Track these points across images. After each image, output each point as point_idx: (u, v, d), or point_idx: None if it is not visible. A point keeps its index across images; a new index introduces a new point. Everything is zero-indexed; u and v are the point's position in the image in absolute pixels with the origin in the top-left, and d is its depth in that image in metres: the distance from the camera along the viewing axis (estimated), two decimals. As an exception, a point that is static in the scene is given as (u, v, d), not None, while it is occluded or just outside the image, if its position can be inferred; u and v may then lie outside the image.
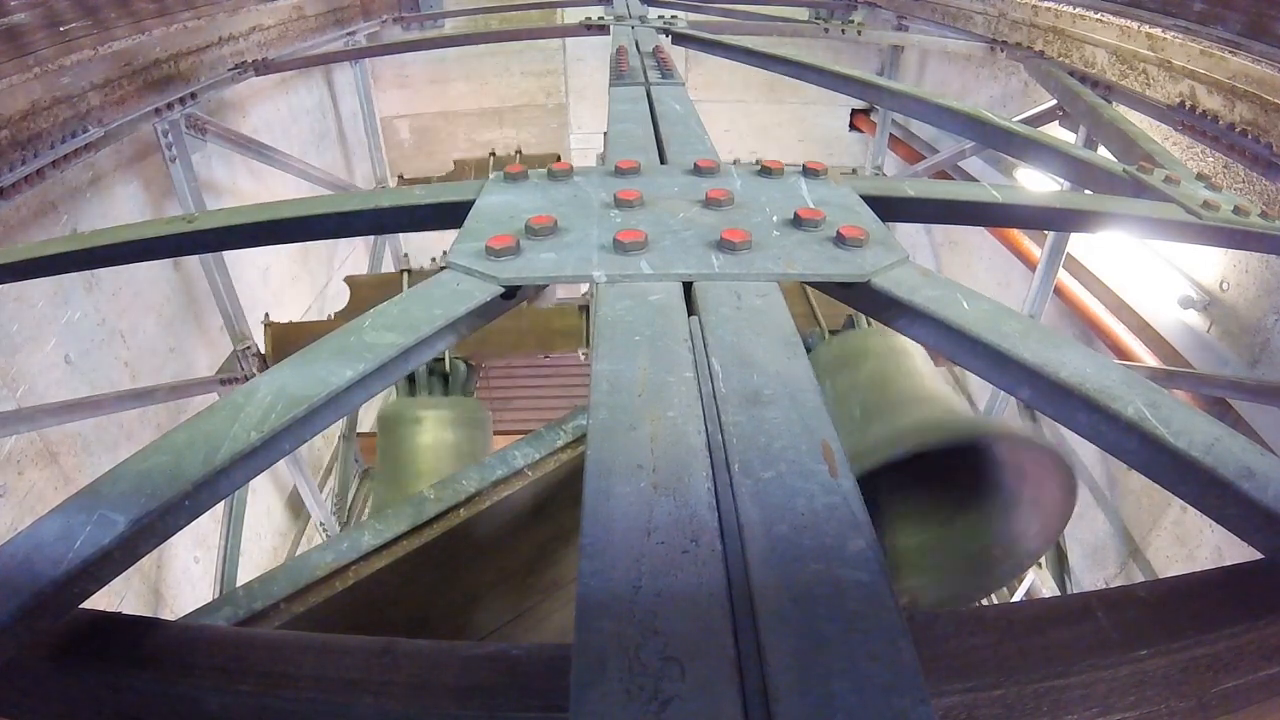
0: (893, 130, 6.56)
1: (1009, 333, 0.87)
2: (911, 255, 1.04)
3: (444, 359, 4.19)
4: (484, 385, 7.88)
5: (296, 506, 5.49)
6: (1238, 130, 2.73)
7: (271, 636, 0.79)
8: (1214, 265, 3.32)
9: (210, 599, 2.16)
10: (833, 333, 3.58)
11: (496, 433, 4.77)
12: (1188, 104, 3.01)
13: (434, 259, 4.78)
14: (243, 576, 4.10)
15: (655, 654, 0.49)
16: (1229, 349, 3.26)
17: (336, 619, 1.22)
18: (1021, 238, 4.64)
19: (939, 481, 2.05)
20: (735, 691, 0.47)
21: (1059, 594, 4.06)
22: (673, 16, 3.65)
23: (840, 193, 1.24)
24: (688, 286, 0.96)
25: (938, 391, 2.27)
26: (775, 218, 1.13)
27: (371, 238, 6.54)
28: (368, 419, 7.08)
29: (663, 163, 1.48)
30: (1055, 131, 3.57)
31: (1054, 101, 3.71)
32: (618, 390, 0.75)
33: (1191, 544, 3.49)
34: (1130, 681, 0.65)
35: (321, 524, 5.33)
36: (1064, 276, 4.12)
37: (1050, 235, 3.98)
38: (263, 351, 4.07)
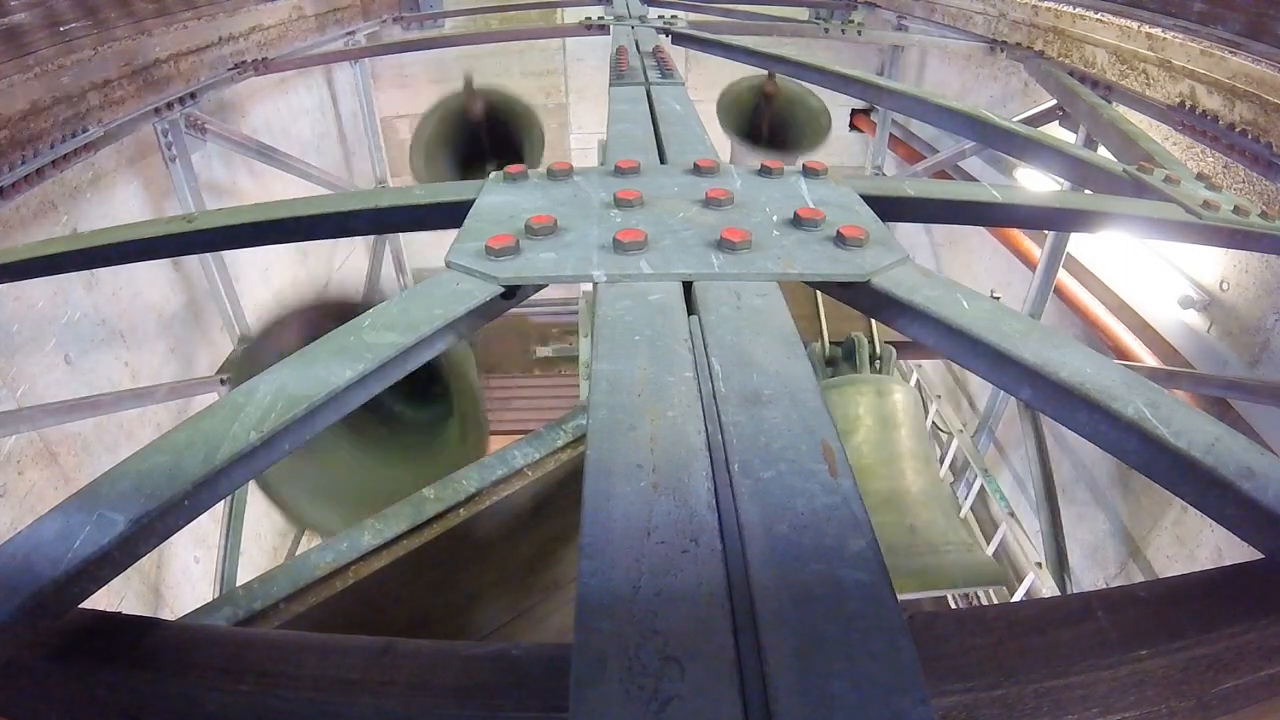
0: (893, 130, 6.56)
1: (1009, 333, 0.87)
2: (911, 255, 1.04)
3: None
4: (484, 381, 7.86)
5: (296, 506, 5.49)
6: (1238, 130, 2.73)
7: (271, 636, 0.79)
8: (1214, 265, 3.32)
9: (210, 599, 2.16)
10: (834, 342, 3.55)
11: (496, 433, 4.77)
12: (1188, 104, 3.00)
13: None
14: (243, 576, 4.09)
15: (655, 654, 0.49)
16: (1229, 349, 3.26)
17: (336, 619, 1.22)
18: (1021, 238, 4.64)
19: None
20: (735, 691, 0.47)
21: (1059, 594, 4.05)
22: (673, 16, 3.66)
23: (840, 192, 1.24)
24: (688, 286, 0.96)
25: (922, 486, 2.28)
26: (775, 217, 1.13)
27: (371, 238, 6.54)
28: (368, 419, 7.07)
29: (663, 163, 1.48)
30: (1055, 131, 3.57)
31: (1054, 101, 3.71)
32: (617, 390, 0.75)
33: (1191, 544, 3.49)
34: (1130, 681, 0.65)
35: (321, 524, 5.32)
36: (1064, 276, 4.12)
37: (1050, 235, 3.98)
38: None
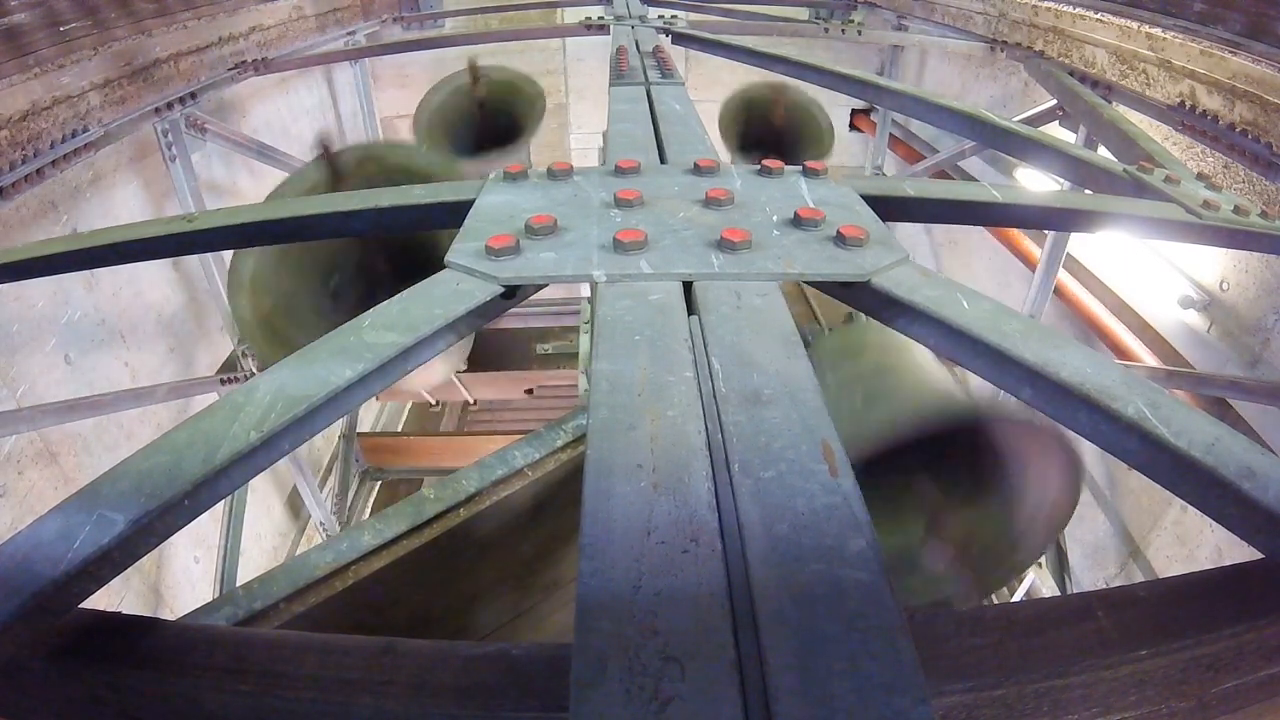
0: (893, 130, 6.56)
1: (1009, 333, 0.87)
2: (911, 255, 1.04)
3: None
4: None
5: (296, 506, 5.49)
6: (1238, 130, 2.73)
7: (271, 636, 0.79)
8: (1214, 265, 3.32)
9: (210, 599, 2.16)
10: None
11: (496, 433, 4.77)
12: (1188, 104, 3.00)
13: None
14: (243, 576, 4.09)
15: (655, 654, 0.49)
16: (1229, 349, 3.26)
17: (336, 619, 1.22)
18: (1021, 238, 4.64)
19: (941, 476, 2.08)
20: (735, 692, 0.47)
21: (1059, 594, 4.05)
22: (673, 16, 3.65)
23: (840, 192, 1.23)
24: (688, 286, 0.96)
25: (940, 381, 2.29)
26: (775, 217, 1.13)
27: (371, 238, 6.54)
28: (368, 419, 7.08)
29: (663, 162, 1.48)
30: (1055, 131, 3.57)
31: (1054, 101, 3.70)
32: (618, 390, 0.75)
33: (1191, 544, 3.49)
34: (1130, 681, 0.65)
35: (321, 524, 5.33)
36: (1064, 276, 4.12)
37: (1050, 235, 3.98)
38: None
